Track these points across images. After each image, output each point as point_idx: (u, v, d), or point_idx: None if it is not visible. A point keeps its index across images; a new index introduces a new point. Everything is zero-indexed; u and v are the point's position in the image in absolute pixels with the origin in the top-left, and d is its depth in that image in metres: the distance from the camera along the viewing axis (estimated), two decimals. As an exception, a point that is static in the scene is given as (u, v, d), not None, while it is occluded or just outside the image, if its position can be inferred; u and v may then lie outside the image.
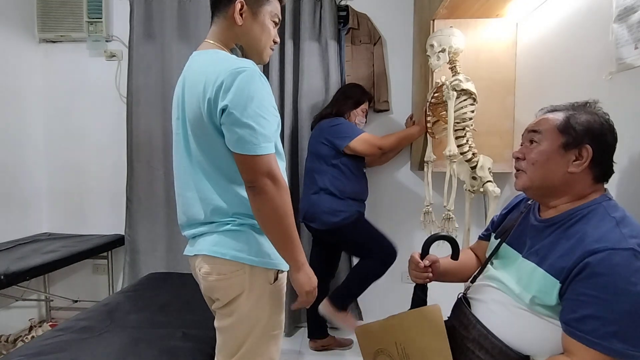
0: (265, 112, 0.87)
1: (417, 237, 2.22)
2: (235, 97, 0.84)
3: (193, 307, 1.53)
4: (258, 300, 0.94)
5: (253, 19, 0.98)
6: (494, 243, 1.02)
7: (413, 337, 0.94)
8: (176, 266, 2.23)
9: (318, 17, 2.18)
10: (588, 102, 0.87)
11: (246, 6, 0.97)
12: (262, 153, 0.86)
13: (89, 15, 2.28)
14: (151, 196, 2.25)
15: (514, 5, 1.63)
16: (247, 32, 0.99)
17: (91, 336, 1.28)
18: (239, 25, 0.97)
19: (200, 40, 2.43)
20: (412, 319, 0.96)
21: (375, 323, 1.05)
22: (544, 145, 0.85)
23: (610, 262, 0.70)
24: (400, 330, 0.97)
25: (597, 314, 0.70)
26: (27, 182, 2.31)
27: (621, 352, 0.68)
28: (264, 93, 0.88)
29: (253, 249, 0.93)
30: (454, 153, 1.53)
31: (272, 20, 1.02)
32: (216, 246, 0.93)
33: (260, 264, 0.93)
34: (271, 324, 0.97)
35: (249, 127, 0.84)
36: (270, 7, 1.01)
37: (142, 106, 2.22)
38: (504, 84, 1.81)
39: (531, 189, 0.88)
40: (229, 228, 0.94)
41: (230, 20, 0.97)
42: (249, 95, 0.85)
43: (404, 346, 0.95)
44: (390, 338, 0.98)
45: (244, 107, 0.85)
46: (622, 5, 1.02)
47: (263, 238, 0.95)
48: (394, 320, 1.01)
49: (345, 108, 1.92)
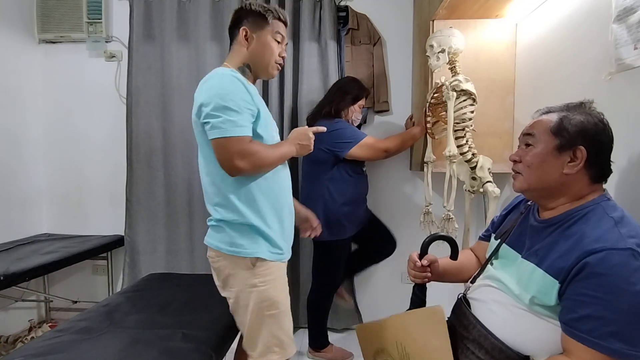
0: (231, 104, 1.04)
1: (417, 238, 2.19)
2: (206, 95, 1.06)
3: (193, 307, 1.53)
4: (244, 282, 1.13)
5: (257, 41, 1.18)
6: (494, 243, 1.02)
7: (414, 336, 0.94)
8: (176, 267, 2.23)
9: (318, 18, 2.18)
10: (583, 103, 0.86)
11: (249, 31, 1.17)
12: (231, 135, 1.04)
13: (89, 16, 2.28)
14: (151, 197, 2.25)
15: (513, 5, 1.63)
16: (253, 52, 1.19)
17: (90, 337, 1.28)
18: (245, 48, 1.18)
19: (199, 41, 2.46)
20: (414, 319, 0.96)
21: (375, 322, 1.05)
22: (539, 148, 0.85)
23: (609, 262, 0.70)
24: (401, 330, 0.97)
25: (596, 314, 0.70)
26: (26, 182, 2.31)
27: (620, 352, 0.68)
28: (230, 89, 1.06)
29: (227, 241, 1.13)
30: (453, 153, 1.54)
31: (274, 38, 1.20)
32: (208, 237, 1.20)
33: (234, 253, 1.12)
34: (265, 304, 1.13)
35: (216, 117, 1.04)
36: (271, 28, 1.19)
37: (142, 107, 2.22)
38: (503, 84, 1.81)
39: (528, 190, 0.89)
40: (212, 224, 1.18)
41: (239, 44, 1.19)
42: (215, 92, 1.05)
43: (404, 345, 0.95)
44: (391, 337, 0.98)
45: (211, 101, 1.05)
46: (621, 5, 1.02)
47: (235, 232, 1.13)
48: (395, 319, 1.00)
49: (343, 105, 1.84)
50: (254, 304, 1.13)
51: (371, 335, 1.04)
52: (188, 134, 2.17)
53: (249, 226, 1.12)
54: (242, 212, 1.12)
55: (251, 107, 1.09)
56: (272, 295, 1.14)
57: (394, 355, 0.97)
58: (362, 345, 1.07)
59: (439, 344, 0.89)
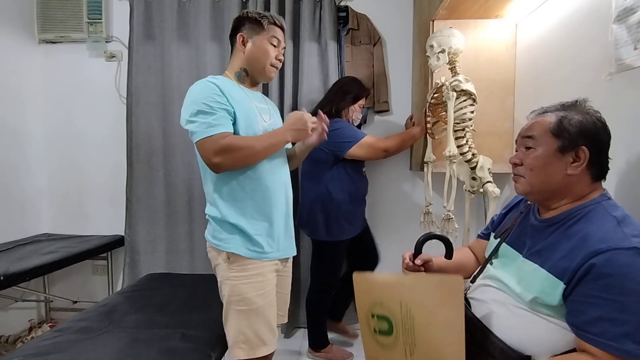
0: (203, 107, 1.11)
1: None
2: (185, 104, 1.16)
3: (192, 307, 1.53)
4: (222, 274, 1.22)
5: (253, 45, 1.25)
6: (494, 242, 1.02)
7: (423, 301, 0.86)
8: (176, 267, 2.23)
9: (318, 18, 2.18)
10: (577, 101, 0.86)
11: (246, 37, 1.25)
12: (206, 136, 1.10)
13: (89, 16, 2.28)
14: (151, 197, 2.24)
15: (513, 5, 1.63)
16: (249, 56, 1.25)
17: (90, 337, 1.28)
18: (243, 53, 1.25)
19: (199, 41, 2.46)
20: (428, 283, 0.88)
21: (379, 275, 0.97)
22: (540, 151, 0.84)
23: (616, 262, 0.70)
24: (408, 290, 0.89)
25: (607, 315, 0.69)
26: (27, 182, 2.31)
27: (635, 353, 0.67)
28: (202, 93, 1.13)
29: (212, 234, 1.23)
30: (453, 153, 1.53)
31: (270, 43, 1.25)
32: (206, 230, 1.29)
33: (216, 246, 1.21)
34: (235, 299, 1.19)
35: (193, 122, 1.12)
36: (267, 32, 1.25)
37: (142, 107, 2.22)
38: (503, 84, 1.81)
39: (532, 193, 0.88)
40: (206, 218, 1.26)
41: (237, 50, 1.27)
42: (191, 100, 1.14)
43: (410, 307, 0.87)
44: (395, 295, 0.89)
45: (187, 108, 1.15)
46: (621, 6, 1.02)
47: (218, 227, 1.21)
48: (404, 278, 0.94)
49: (343, 105, 1.84)
50: (227, 296, 1.20)
51: (371, 287, 0.94)
52: (188, 135, 2.15)
53: (227, 222, 1.19)
54: (221, 209, 1.19)
55: (226, 107, 1.15)
56: (243, 291, 1.18)
57: (395, 314, 0.88)
58: (357, 295, 0.96)
59: (451, 315, 0.81)
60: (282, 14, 2.14)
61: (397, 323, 0.88)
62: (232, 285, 1.19)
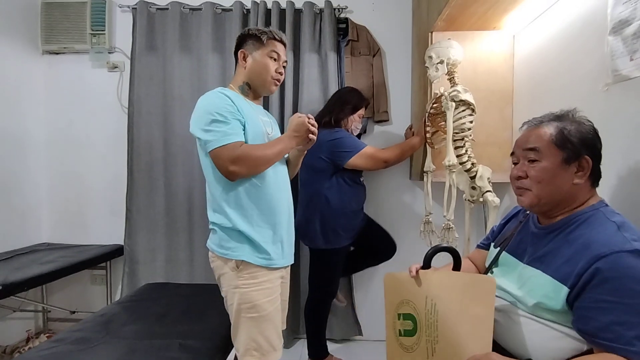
0: (218, 116, 1.14)
1: (417, 247, 2.20)
2: (197, 113, 1.19)
3: (190, 317, 1.52)
4: (229, 282, 1.21)
5: (253, 60, 1.29)
6: (494, 252, 1.02)
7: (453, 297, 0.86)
8: (175, 276, 2.22)
9: (318, 29, 2.21)
10: (569, 112, 0.88)
11: (247, 52, 1.29)
12: (222, 144, 1.13)
13: (92, 27, 2.32)
14: (151, 206, 2.24)
15: (510, 17, 1.65)
16: (250, 71, 1.29)
17: (87, 347, 1.27)
18: (244, 68, 1.30)
19: (201, 52, 2.50)
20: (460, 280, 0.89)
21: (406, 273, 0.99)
22: (546, 163, 0.85)
23: (620, 265, 0.71)
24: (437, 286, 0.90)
25: (618, 319, 0.70)
26: (27, 191, 2.32)
27: None
28: (216, 103, 1.16)
29: (218, 243, 1.22)
30: (453, 163, 1.54)
31: (270, 57, 1.29)
32: (208, 239, 1.28)
33: (223, 255, 1.20)
34: (245, 306, 1.18)
35: (208, 131, 1.14)
36: (266, 47, 1.29)
37: (144, 116, 2.23)
38: (502, 94, 1.83)
39: (539, 205, 0.88)
40: (210, 227, 1.27)
41: (240, 65, 1.31)
42: (204, 109, 1.17)
43: (435, 302, 0.88)
44: (422, 291, 0.91)
45: (201, 117, 1.17)
46: (616, 18, 1.04)
47: (224, 235, 1.20)
48: (433, 274, 0.95)
49: (342, 115, 1.85)
50: (237, 305, 1.19)
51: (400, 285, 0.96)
52: (189, 144, 2.18)
53: (236, 231, 1.19)
54: (230, 217, 1.19)
55: (239, 118, 1.19)
56: (254, 298, 1.18)
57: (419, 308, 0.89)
58: (387, 295, 1.00)
59: (482, 313, 0.81)
60: (282, 25, 2.17)
61: (420, 320, 0.89)
62: (242, 293, 1.18)
